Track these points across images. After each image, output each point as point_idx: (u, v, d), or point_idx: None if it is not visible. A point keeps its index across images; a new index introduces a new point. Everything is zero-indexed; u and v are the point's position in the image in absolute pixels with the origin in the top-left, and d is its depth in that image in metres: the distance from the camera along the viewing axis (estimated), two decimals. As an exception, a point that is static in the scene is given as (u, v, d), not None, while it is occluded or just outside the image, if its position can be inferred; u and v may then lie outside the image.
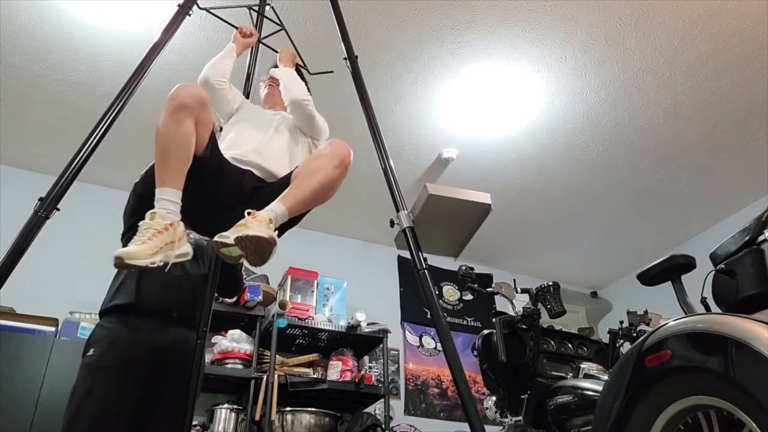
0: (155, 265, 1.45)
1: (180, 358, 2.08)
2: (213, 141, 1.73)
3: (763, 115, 3.63)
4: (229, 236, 1.47)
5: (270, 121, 2.07)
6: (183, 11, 2.00)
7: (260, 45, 2.48)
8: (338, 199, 5.20)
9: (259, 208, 1.58)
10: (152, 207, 1.53)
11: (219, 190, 1.76)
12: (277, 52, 2.37)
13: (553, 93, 3.53)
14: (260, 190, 1.80)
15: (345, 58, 2.09)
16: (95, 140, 1.62)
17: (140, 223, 1.50)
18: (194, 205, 1.65)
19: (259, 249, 1.48)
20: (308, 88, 2.21)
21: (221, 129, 2.10)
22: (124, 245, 1.77)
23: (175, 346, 2.13)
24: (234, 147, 1.90)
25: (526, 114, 3.69)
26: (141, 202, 1.93)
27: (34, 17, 2.99)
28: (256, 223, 1.49)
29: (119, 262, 1.39)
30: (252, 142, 1.94)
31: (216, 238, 1.49)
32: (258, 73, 2.46)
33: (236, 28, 2.33)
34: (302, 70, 2.39)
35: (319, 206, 1.75)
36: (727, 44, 3.17)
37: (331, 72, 2.44)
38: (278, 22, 2.52)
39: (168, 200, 1.54)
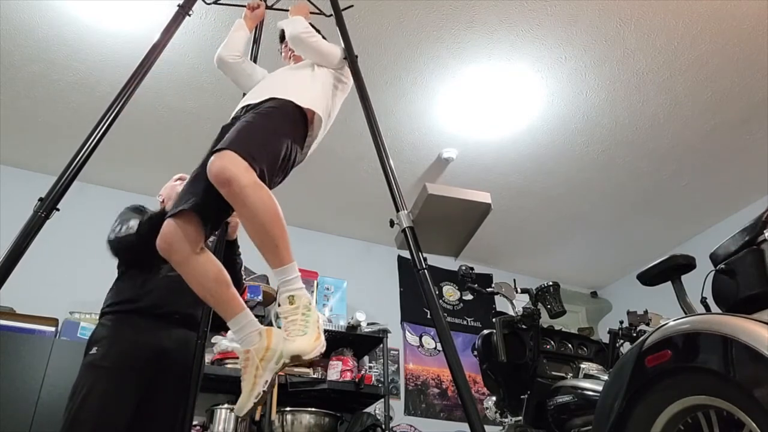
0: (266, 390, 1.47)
1: (181, 360, 2.08)
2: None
3: (763, 115, 3.63)
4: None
5: (281, 71, 2.10)
6: (183, 11, 2.00)
7: (270, 15, 2.50)
8: (339, 199, 5.18)
9: None
10: None
11: None
12: (287, 11, 2.38)
13: (553, 93, 3.53)
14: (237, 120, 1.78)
15: (345, 58, 2.09)
16: (95, 140, 1.62)
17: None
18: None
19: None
20: (321, 35, 2.14)
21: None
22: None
23: (176, 347, 2.13)
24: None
25: (526, 114, 3.69)
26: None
27: (33, 17, 2.98)
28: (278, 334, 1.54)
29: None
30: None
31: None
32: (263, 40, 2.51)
33: (245, 7, 2.40)
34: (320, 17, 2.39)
35: (319, 207, 1.75)
36: (727, 44, 3.17)
37: (351, 6, 2.30)
38: None
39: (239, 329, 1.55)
